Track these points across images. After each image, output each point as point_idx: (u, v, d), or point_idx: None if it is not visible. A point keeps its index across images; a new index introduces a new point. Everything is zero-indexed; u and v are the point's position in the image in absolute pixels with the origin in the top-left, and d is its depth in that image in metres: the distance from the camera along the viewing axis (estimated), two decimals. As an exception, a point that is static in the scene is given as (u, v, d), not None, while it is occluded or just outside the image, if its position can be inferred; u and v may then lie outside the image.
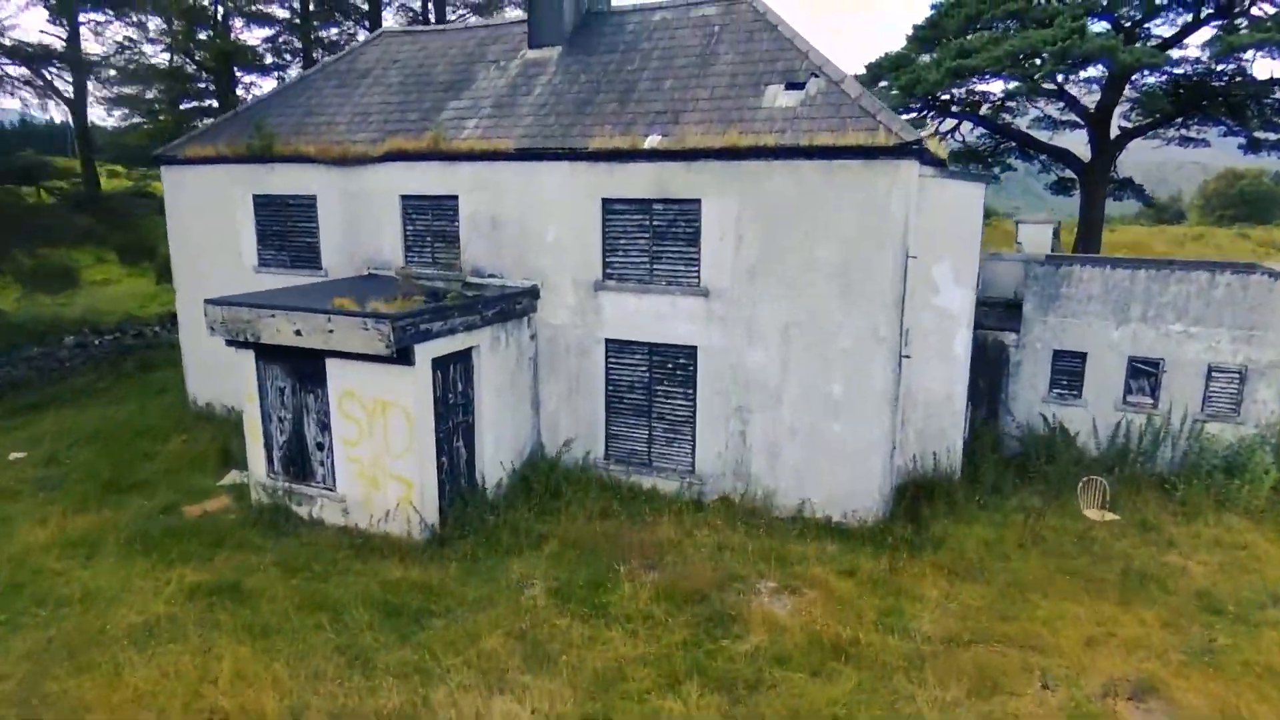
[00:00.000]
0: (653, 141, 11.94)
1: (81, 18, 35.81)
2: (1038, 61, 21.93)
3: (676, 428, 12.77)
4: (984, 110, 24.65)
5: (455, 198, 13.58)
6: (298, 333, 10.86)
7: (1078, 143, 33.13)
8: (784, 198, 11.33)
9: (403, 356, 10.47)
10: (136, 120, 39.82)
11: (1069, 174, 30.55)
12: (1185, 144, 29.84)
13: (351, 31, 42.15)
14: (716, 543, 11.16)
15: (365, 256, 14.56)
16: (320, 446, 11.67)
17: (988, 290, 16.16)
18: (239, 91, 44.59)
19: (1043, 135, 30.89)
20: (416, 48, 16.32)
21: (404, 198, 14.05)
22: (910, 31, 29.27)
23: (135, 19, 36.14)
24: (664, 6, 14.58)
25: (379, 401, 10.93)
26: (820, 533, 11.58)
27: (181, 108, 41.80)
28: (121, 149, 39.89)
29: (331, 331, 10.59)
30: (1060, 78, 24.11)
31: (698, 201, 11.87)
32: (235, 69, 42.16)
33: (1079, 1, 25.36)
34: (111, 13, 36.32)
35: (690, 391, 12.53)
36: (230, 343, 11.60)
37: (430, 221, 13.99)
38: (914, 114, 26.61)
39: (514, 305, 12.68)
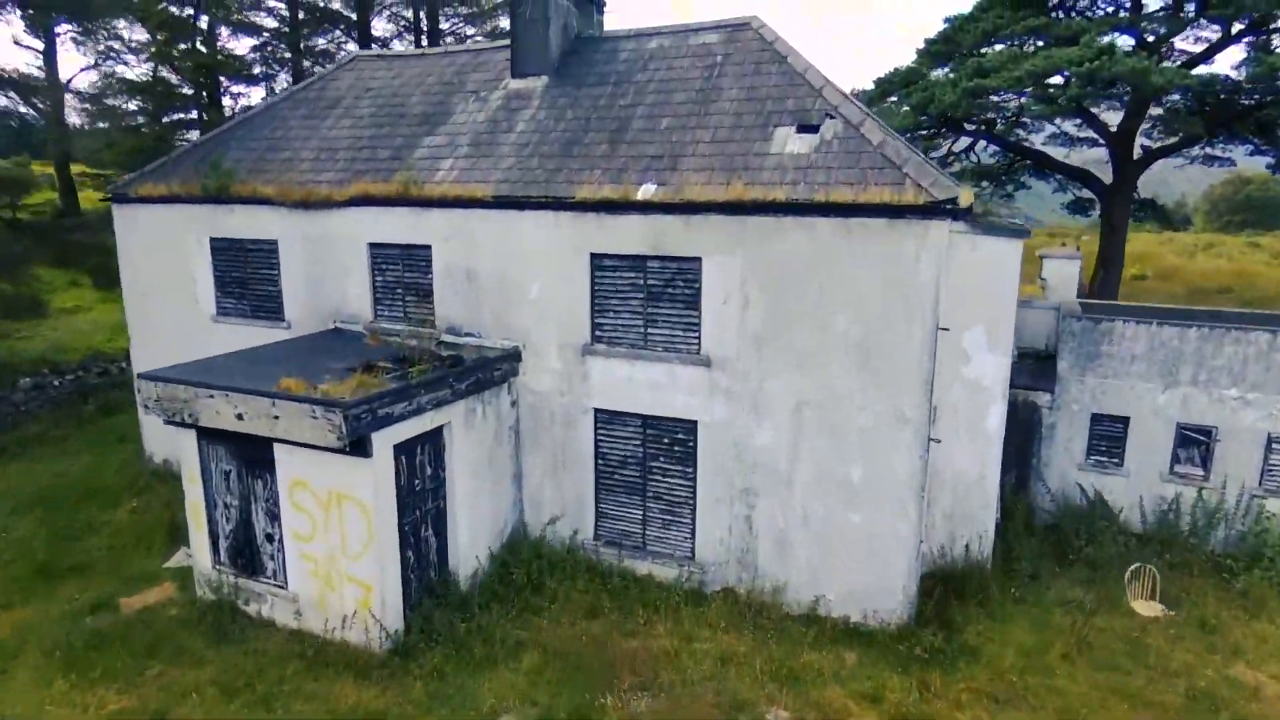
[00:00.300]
0: (647, 192, 10.56)
1: (58, 29, 34.57)
2: (1060, 80, 20.52)
3: (674, 509, 11.39)
4: (998, 127, 23.23)
5: (428, 247, 12.21)
6: (239, 416, 9.48)
7: (1094, 160, 31.79)
8: (796, 258, 9.96)
9: (358, 448, 9.10)
10: (118, 132, 38.36)
11: (1087, 194, 29.16)
12: (1209, 162, 28.49)
13: (342, 41, 40.84)
14: (719, 653, 9.77)
15: (331, 308, 13.18)
16: (270, 538, 10.29)
17: (1016, 340, 14.76)
18: (226, 101, 43.29)
19: (1058, 152, 29.53)
20: (391, 74, 14.95)
21: (372, 246, 12.67)
22: (921, 45, 27.93)
23: (112, 30, 34.78)
24: (661, 33, 13.21)
25: (333, 494, 9.56)
26: (837, 636, 10.20)
27: (165, 120, 40.34)
28: (101, 163, 38.48)
29: (277, 418, 9.21)
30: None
31: (698, 260, 10.49)
32: (222, 79, 40.87)
33: (1101, 15, 24.01)
34: (89, 24, 35.06)
35: (690, 470, 11.15)
36: (169, 421, 10.23)
37: (401, 272, 12.61)
38: (927, 133, 25.21)
39: (492, 373, 11.31)
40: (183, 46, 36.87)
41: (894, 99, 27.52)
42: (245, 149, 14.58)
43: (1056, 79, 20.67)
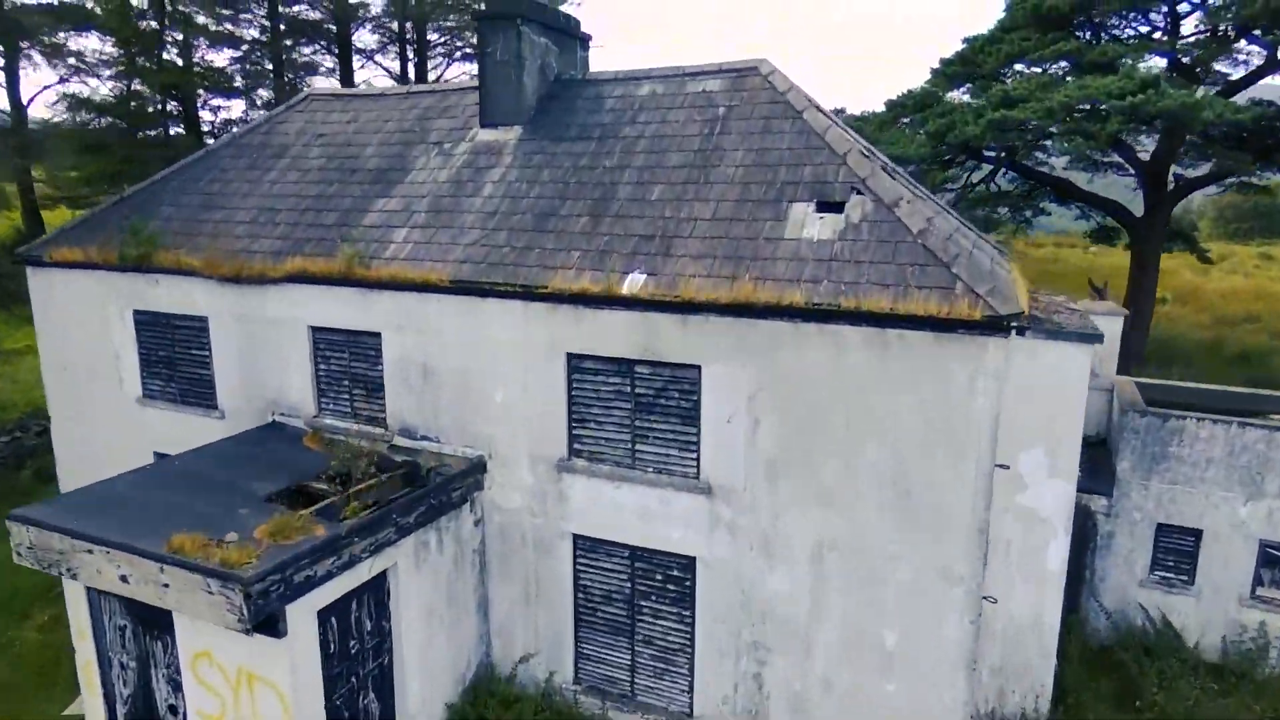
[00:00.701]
0: (634, 285, 8.68)
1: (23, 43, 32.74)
2: (1094, 109, 18.63)
3: (669, 656, 9.52)
4: (1019, 152, 21.39)
5: (378, 335, 10.33)
6: (124, 579, 7.60)
7: (1119, 185, 29.94)
8: (817, 373, 8.09)
9: (267, 627, 7.22)
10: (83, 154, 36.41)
11: (1111, 222, 27.29)
12: (1244, 190, 26.67)
13: (320, 55, 38.92)
14: None
15: (269, 397, 11.30)
16: (174, 710, 8.42)
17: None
18: (206, 115, 41.43)
19: (1079, 177, 27.69)
20: (346, 118, 13.06)
21: (314, 329, 10.80)
22: (936, 65, 26.05)
23: (68, 50, 32.93)
24: (653, 76, 11.33)
25: (244, 672, 7.68)
26: (866, 830, 8.34)
27: (139, 136, 38.32)
28: (69, 183, 36.53)
29: (166, 585, 7.33)
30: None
31: (696, 368, 8.62)
32: (200, 92, 38.99)
33: (1131, 36, 22.14)
34: (53, 36, 33.22)
35: (687, 613, 9.28)
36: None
37: (348, 362, 10.73)
38: (943, 162, 23.33)
39: (450, 494, 9.43)
40: (147, 63, 34.94)
41: (906, 122, 25.67)
42: (178, 204, 12.68)
43: (1089, 108, 18.77)
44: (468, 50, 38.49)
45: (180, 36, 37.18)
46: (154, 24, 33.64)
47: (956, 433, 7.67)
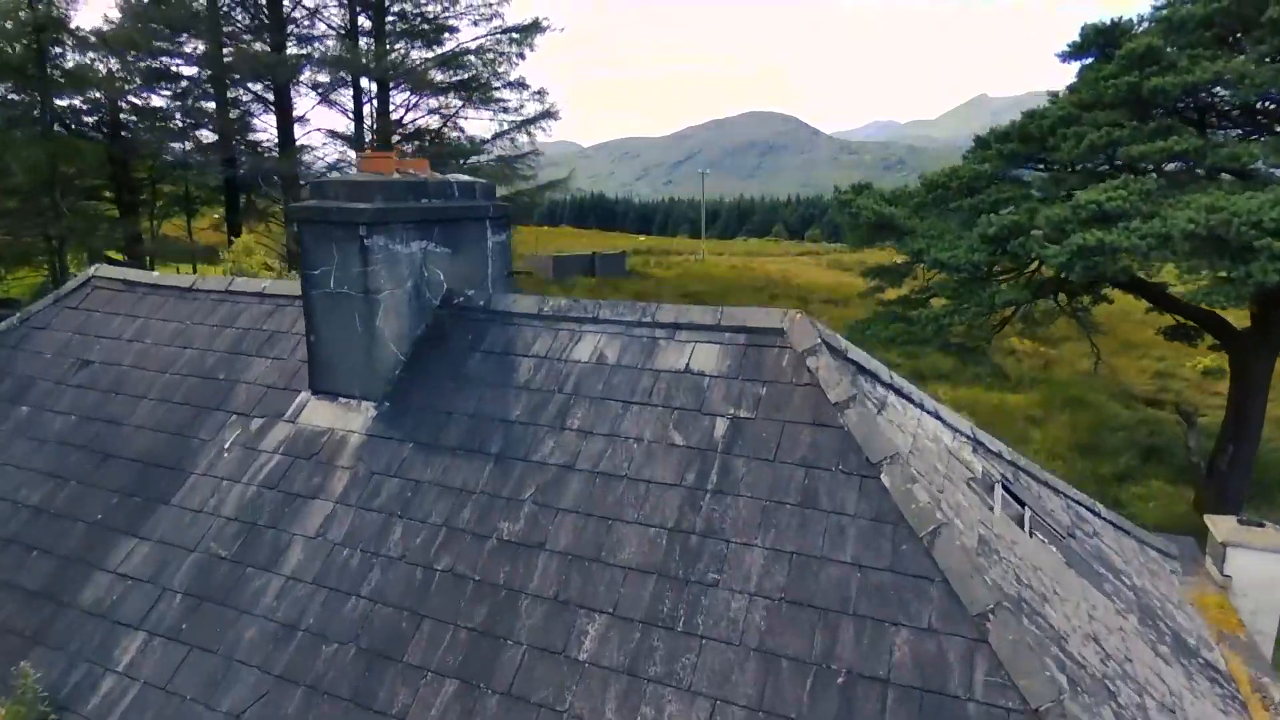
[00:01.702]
0: None
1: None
2: (1224, 236, 13.78)
3: None
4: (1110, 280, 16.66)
5: None
6: None
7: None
8: None
9: None
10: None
11: (1191, 323, 22.41)
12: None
13: (264, 94, 34.04)
14: None
15: None
16: None
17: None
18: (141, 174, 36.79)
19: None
20: (130, 331, 8.25)
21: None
22: (983, 137, 21.22)
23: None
24: (604, 321, 6.50)
25: None
26: None
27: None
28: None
29: None
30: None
31: None
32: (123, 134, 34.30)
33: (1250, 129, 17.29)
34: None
35: None
36: None
37: None
38: (999, 274, 18.50)
39: None
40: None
41: (952, 209, 20.86)
42: None
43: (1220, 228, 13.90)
44: (431, 71, 33.64)
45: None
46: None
47: None
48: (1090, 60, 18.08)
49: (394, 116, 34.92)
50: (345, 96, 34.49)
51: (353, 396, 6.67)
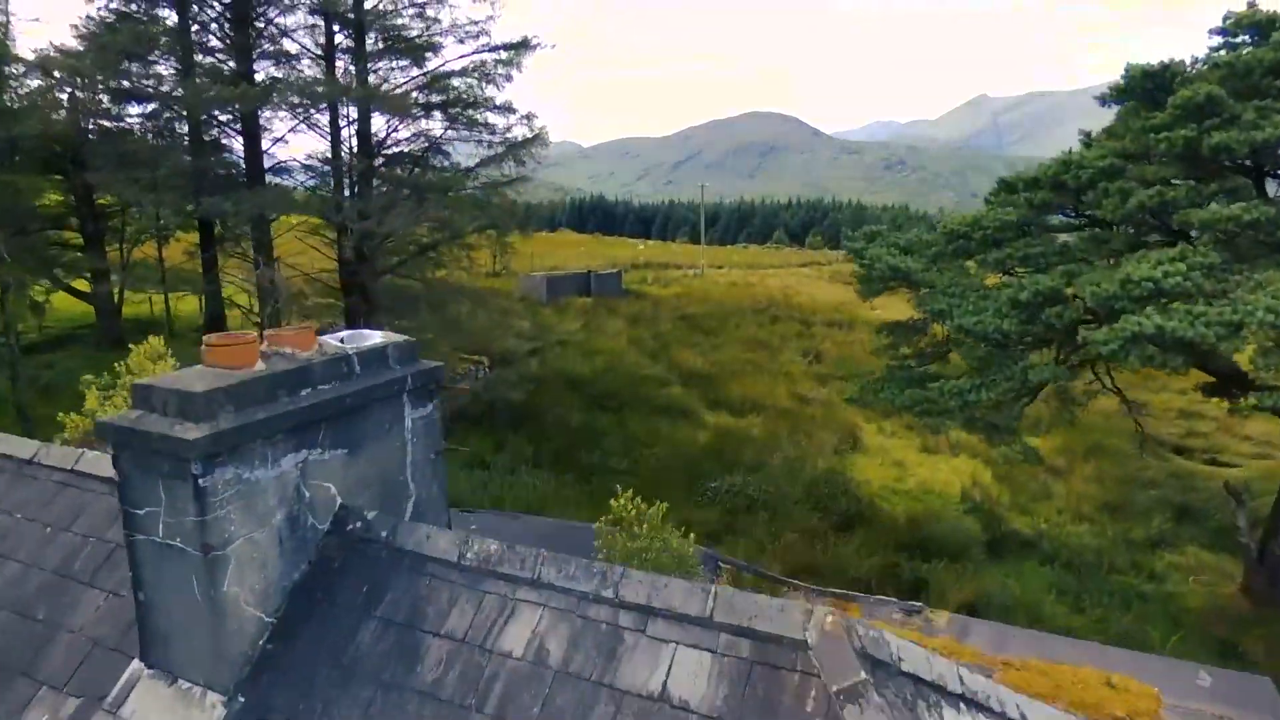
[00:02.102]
0: None
1: None
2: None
3: None
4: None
5: None
6: None
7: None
8: None
9: None
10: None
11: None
12: None
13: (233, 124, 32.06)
14: None
15: None
16: None
17: None
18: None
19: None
20: (-52, 524, 6.31)
21: None
22: (1008, 181, 19.26)
23: None
24: (543, 583, 4.55)
25: None
26: None
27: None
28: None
29: None
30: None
31: None
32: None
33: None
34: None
35: None
36: None
37: None
38: (1038, 342, 16.53)
39: None
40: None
41: (978, 262, 18.96)
42: None
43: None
44: (409, 88, 31.71)
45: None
46: None
47: None
48: (1132, 103, 16.12)
49: (375, 138, 33.00)
50: (325, 118, 32.56)
51: (194, 682, 4.73)
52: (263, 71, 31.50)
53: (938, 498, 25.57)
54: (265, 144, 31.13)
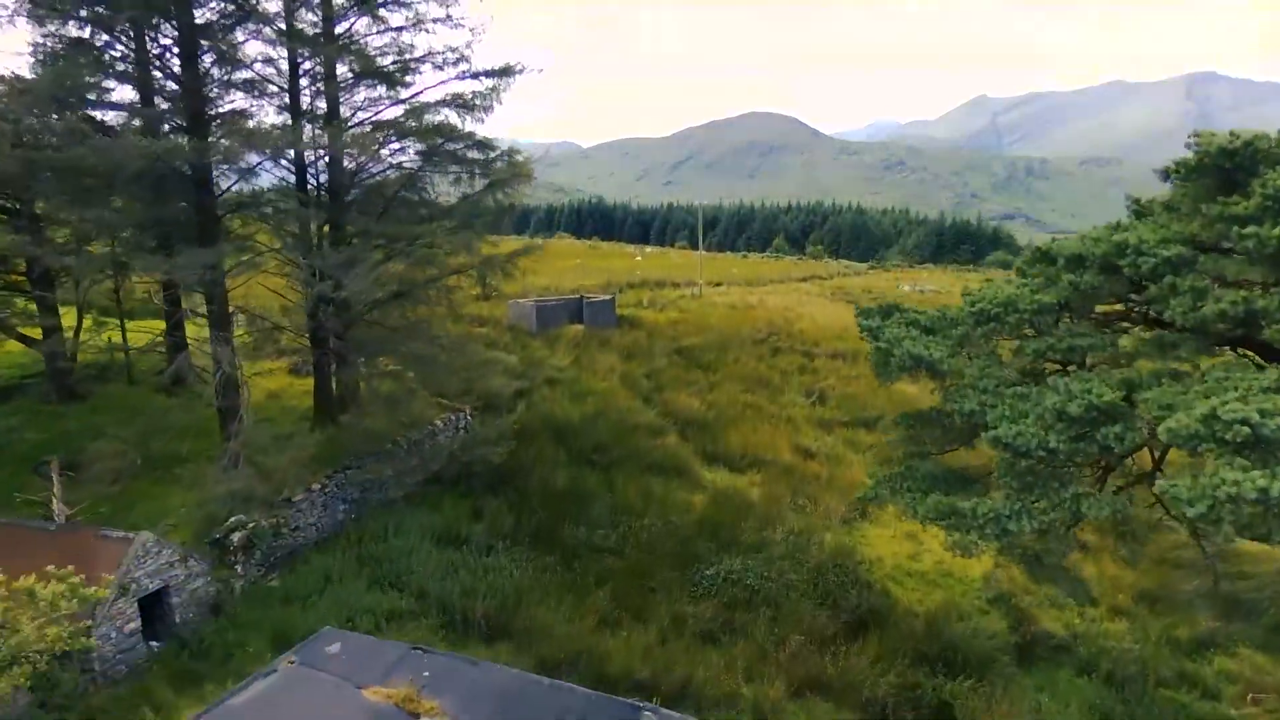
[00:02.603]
0: None
1: None
2: None
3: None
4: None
5: None
6: None
7: None
8: None
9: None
10: None
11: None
12: None
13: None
14: None
15: None
16: None
17: None
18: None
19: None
20: None
21: None
22: (1039, 254, 16.87)
23: None
24: None
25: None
26: None
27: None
28: None
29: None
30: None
31: None
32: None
33: None
34: None
35: None
36: None
37: None
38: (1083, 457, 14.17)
39: None
40: None
41: (995, 338, 16.64)
42: None
43: None
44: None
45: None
46: None
47: None
48: (1204, 180, 13.75)
49: (347, 170, 30.60)
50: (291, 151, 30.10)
51: None
52: (226, 105, 29.08)
53: (958, 582, 23.23)
54: (227, 183, 28.68)
